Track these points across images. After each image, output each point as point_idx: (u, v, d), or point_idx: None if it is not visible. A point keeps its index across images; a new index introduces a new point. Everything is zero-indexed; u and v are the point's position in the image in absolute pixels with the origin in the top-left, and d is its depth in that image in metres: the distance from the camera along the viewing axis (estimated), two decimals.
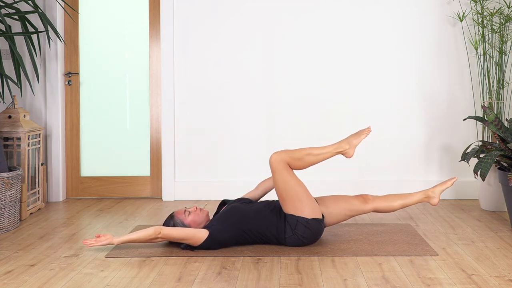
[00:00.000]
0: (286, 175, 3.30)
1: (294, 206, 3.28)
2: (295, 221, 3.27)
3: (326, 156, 3.39)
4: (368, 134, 3.46)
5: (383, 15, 4.77)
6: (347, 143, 3.41)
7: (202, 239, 3.23)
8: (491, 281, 2.79)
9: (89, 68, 4.90)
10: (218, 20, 4.79)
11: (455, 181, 3.60)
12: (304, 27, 4.78)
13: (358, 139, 3.42)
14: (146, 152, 4.91)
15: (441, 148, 4.80)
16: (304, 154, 3.34)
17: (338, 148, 3.40)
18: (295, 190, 3.29)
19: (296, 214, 3.28)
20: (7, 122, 4.30)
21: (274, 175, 3.32)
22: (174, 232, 3.22)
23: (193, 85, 4.82)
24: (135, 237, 3.24)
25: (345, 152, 3.41)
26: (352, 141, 3.42)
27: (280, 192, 3.31)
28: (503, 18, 4.48)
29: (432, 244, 3.43)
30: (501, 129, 3.96)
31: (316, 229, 3.31)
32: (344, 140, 3.43)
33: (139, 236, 3.23)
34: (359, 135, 3.44)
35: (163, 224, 3.40)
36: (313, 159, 3.35)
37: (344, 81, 4.79)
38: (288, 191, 3.29)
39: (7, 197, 3.81)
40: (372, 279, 2.82)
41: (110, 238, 3.26)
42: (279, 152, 3.33)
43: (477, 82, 4.73)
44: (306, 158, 3.34)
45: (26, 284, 2.80)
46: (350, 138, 3.43)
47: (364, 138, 3.47)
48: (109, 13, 4.90)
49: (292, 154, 3.33)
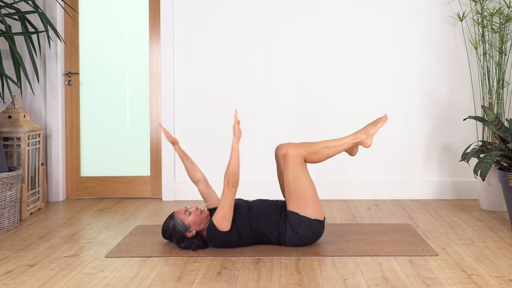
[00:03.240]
0: (299, 171, 3.28)
1: (299, 203, 3.27)
2: (299, 220, 3.27)
3: (344, 147, 3.36)
4: (385, 123, 3.42)
5: (383, 16, 4.77)
6: (364, 133, 3.39)
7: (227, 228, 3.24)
8: (491, 281, 2.79)
9: (89, 68, 4.90)
10: (218, 19, 4.79)
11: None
12: (305, 28, 4.78)
13: (375, 128, 3.39)
14: (146, 152, 4.91)
15: (441, 148, 4.80)
16: (320, 147, 3.32)
17: (355, 139, 3.38)
18: (304, 187, 3.28)
19: (300, 213, 3.27)
20: (7, 122, 4.30)
21: (287, 169, 3.29)
22: (229, 203, 3.22)
23: (193, 85, 4.82)
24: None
25: (363, 142, 3.39)
26: (369, 130, 3.39)
27: (289, 187, 3.29)
28: (503, 18, 4.48)
29: (432, 244, 3.43)
30: (501, 129, 3.96)
31: (317, 230, 3.31)
32: (361, 130, 3.41)
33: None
34: (376, 124, 3.40)
35: (163, 224, 3.40)
36: (330, 152, 3.33)
37: (345, 81, 4.79)
38: (297, 187, 3.27)
39: (7, 197, 3.81)
40: (372, 279, 2.82)
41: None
42: (296, 147, 3.30)
43: (477, 82, 4.73)
44: (322, 151, 3.32)
45: (26, 284, 2.80)
46: (367, 128, 3.40)
47: (381, 126, 3.43)
48: (109, 13, 4.90)
49: (308, 148, 3.31)
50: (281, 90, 4.80)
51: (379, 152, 4.78)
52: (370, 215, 4.20)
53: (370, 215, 4.22)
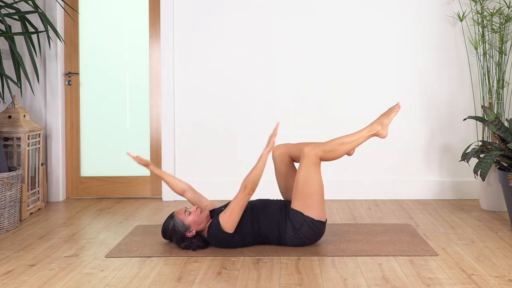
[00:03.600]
0: (312, 171, 3.27)
1: (304, 203, 3.27)
2: (302, 220, 3.27)
3: (360, 141, 3.35)
4: (398, 111, 3.41)
5: (383, 16, 4.76)
6: (379, 123, 3.38)
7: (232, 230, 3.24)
8: (491, 281, 2.79)
9: (89, 68, 4.90)
10: (218, 19, 4.79)
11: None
12: (305, 28, 4.78)
13: (389, 118, 3.38)
14: (146, 152, 4.91)
15: (441, 148, 4.80)
16: (336, 144, 3.31)
17: (371, 131, 3.37)
18: (313, 188, 3.27)
19: (304, 213, 3.27)
20: (7, 122, 4.30)
21: (301, 167, 3.28)
22: (240, 207, 3.21)
23: (193, 84, 4.82)
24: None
25: (379, 133, 3.38)
26: (383, 120, 3.38)
27: (298, 185, 3.28)
28: (503, 18, 4.48)
29: (432, 244, 3.43)
30: (501, 129, 3.96)
31: (319, 231, 3.32)
32: (375, 121, 3.40)
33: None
34: (389, 113, 3.39)
35: (163, 224, 3.40)
36: (347, 147, 3.32)
37: (345, 81, 4.79)
38: (306, 186, 3.26)
39: (7, 197, 3.81)
40: (372, 279, 2.82)
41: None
42: (313, 147, 3.29)
43: (477, 82, 4.73)
44: (339, 148, 3.30)
45: (26, 284, 2.80)
46: (381, 118, 3.39)
47: (395, 115, 3.41)
48: (109, 13, 4.90)
49: (324, 147, 3.30)
50: (281, 90, 4.80)
51: (379, 152, 4.78)
52: (370, 215, 4.20)
53: (370, 215, 4.22)
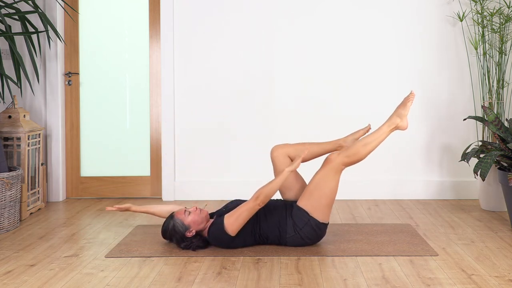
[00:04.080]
0: (330, 177, 3.27)
1: (311, 203, 3.26)
2: (306, 219, 3.27)
3: (382, 137, 3.35)
4: (413, 100, 3.39)
5: (383, 16, 4.76)
6: (397, 116, 3.38)
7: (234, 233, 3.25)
8: (491, 281, 2.79)
9: (89, 68, 4.90)
10: (218, 19, 4.79)
11: (369, 128, 3.56)
12: (305, 28, 4.78)
13: (406, 108, 3.38)
14: (146, 152, 4.91)
15: (441, 148, 4.80)
16: (359, 146, 3.30)
17: (391, 125, 3.37)
18: (324, 191, 3.27)
19: (310, 213, 3.27)
20: (7, 122, 4.30)
21: (321, 169, 3.28)
22: (247, 215, 3.22)
23: (193, 84, 4.82)
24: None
25: (399, 125, 3.38)
26: (401, 112, 3.38)
27: (311, 184, 3.29)
28: (503, 18, 4.48)
29: (432, 244, 3.43)
30: (501, 129, 3.96)
31: (321, 233, 3.33)
32: (393, 114, 3.40)
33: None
34: (405, 103, 3.39)
35: (163, 224, 3.40)
36: (370, 147, 3.31)
37: (345, 81, 4.79)
38: (318, 188, 3.26)
39: (7, 197, 3.81)
40: (372, 279, 2.82)
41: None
42: (338, 154, 3.28)
43: (477, 82, 4.73)
44: (362, 149, 3.30)
45: (26, 284, 2.80)
46: (397, 110, 3.39)
47: (411, 104, 3.41)
48: (109, 13, 4.90)
49: (347, 152, 3.30)
50: (281, 90, 4.80)
51: (379, 152, 4.77)
52: (370, 215, 4.20)
53: (370, 215, 4.22)
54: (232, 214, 3.22)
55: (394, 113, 3.40)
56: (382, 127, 3.37)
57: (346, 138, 3.58)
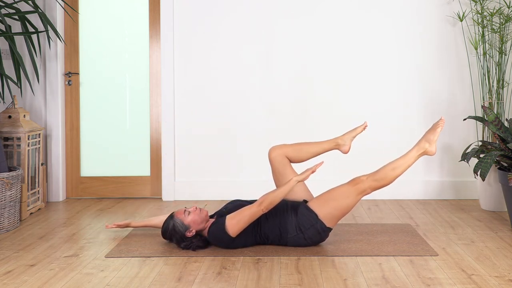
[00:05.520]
0: (352, 196, 3.25)
1: (324, 211, 3.26)
2: (314, 222, 3.26)
3: (411, 162, 3.33)
4: (443, 126, 3.38)
5: (383, 16, 4.76)
6: (426, 141, 3.36)
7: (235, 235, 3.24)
8: (491, 281, 2.79)
9: (89, 68, 4.90)
10: (218, 19, 4.79)
11: (365, 126, 3.56)
12: (305, 27, 4.78)
13: (435, 134, 3.35)
14: (146, 152, 4.91)
15: (441, 148, 4.80)
16: (387, 170, 3.29)
17: (419, 150, 3.35)
18: (342, 206, 3.26)
19: (319, 216, 3.27)
20: (7, 122, 4.30)
21: (346, 186, 3.27)
22: (249, 219, 3.22)
23: (193, 84, 4.82)
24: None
25: (427, 151, 3.36)
26: (430, 137, 3.36)
27: (328, 193, 3.29)
28: (503, 18, 4.48)
29: (432, 244, 3.43)
30: (501, 129, 3.96)
31: (324, 236, 3.34)
32: (422, 139, 3.38)
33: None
34: (435, 129, 3.37)
35: (163, 224, 3.40)
36: (397, 172, 3.29)
37: (345, 81, 4.79)
38: (335, 199, 3.26)
39: (7, 197, 3.81)
40: (372, 279, 2.82)
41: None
42: (367, 179, 3.26)
43: (477, 82, 4.73)
44: (390, 173, 3.28)
45: (26, 284, 2.80)
46: (427, 136, 3.37)
47: (441, 130, 3.39)
48: (109, 13, 4.90)
49: (375, 176, 3.28)
50: (281, 90, 4.80)
51: (379, 152, 4.77)
52: (370, 215, 4.20)
53: (370, 215, 4.22)
54: (235, 216, 3.22)
55: (423, 137, 3.38)
56: (410, 152, 3.36)
57: (343, 137, 3.57)
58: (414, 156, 3.35)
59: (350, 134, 3.58)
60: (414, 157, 3.35)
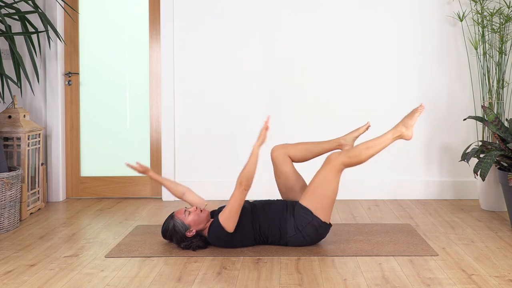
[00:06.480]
0: (331, 176, 3.26)
1: (315, 203, 3.26)
2: (310, 218, 3.26)
3: (385, 143, 3.35)
4: (422, 112, 3.40)
5: (383, 15, 4.77)
6: (403, 125, 3.38)
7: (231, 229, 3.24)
8: (491, 281, 2.79)
9: (89, 68, 4.90)
10: (218, 19, 4.79)
11: (368, 126, 3.59)
12: (304, 27, 4.78)
13: (413, 119, 3.38)
14: (146, 152, 4.91)
15: (441, 148, 4.80)
16: (361, 149, 3.30)
17: (395, 133, 3.37)
18: (326, 191, 3.26)
19: (313, 212, 3.26)
20: (7, 122, 4.30)
21: (322, 169, 3.28)
22: (238, 204, 3.22)
23: (193, 84, 4.82)
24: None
25: (404, 135, 3.38)
26: (407, 122, 3.38)
27: (312, 183, 3.29)
28: (503, 18, 4.48)
29: (432, 244, 3.43)
30: (501, 129, 3.96)
31: (322, 233, 3.33)
32: (399, 124, 3.40)
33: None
34: (413, 114, 3.39)
35: (163, 224, 3.40)
36: (371, 152, 3.31)
37: (345, 80, 4.79)
38: (320, 186, 3.26)
39: (7, 197, 3.81)
40: (372, 279, 2.82)
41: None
42: (339, 154, 3.28)
43: (477, 82, 4.73)
44: (364, 152, 3.30)
45: (26, 284, 2.80)
46: (405, 120, 3.39)
47: (419, 116, 3.41)
48: (109, 13, 4.90)
49: (349, 153, 3.30)
50: (281, 89, 4.80)
51: None
52: (370, 215, 4.20)
53: (370, 215, 4.22)
54: (224, 210, 3.24)
55: (401, 122, 3.40)
56: (386, 134, 3.37)
57: (345, 137, 3.58)
58: (390, 138, 3.36)
59: (352, 134, 3.58)
60: (389, 139, 3.36)
